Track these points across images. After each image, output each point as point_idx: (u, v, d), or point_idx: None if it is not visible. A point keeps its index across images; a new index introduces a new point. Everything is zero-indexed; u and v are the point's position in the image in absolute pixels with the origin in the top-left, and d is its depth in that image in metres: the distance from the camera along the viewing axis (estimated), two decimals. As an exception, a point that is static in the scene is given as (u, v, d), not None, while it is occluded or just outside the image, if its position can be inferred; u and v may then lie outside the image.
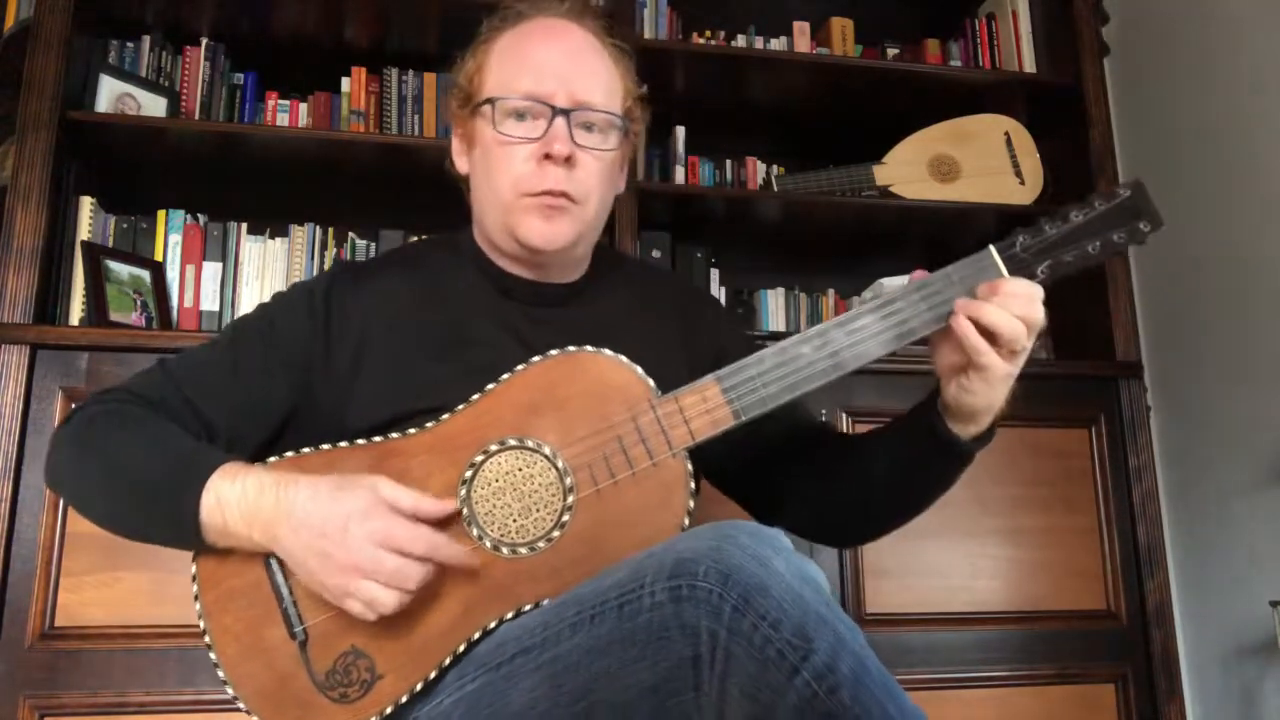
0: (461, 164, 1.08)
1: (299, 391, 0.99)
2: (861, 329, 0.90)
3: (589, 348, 0.92)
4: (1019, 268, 0.91)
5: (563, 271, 1.07)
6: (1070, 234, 0.91)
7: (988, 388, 0.88)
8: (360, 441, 0.93)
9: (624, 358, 0.91)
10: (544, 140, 0.97)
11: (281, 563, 0.88)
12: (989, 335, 0.86)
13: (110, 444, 0.92)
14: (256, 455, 0.95)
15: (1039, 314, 0.87)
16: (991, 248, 0.91)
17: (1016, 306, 0.86)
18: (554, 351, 0.92)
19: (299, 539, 0.83)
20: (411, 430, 0.92)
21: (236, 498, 0.85)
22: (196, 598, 0.90)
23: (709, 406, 0.90)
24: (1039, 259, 0.91)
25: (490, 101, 0.99)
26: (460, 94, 1.05)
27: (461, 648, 0.86)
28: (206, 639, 0.89)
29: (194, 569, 0.91)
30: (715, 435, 0.90)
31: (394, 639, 0.86)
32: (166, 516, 0.88)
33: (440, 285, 1.05)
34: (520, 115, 0.99)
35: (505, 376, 0.92)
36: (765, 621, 0.69)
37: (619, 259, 1.19)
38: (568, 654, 0.77)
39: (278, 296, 1.06)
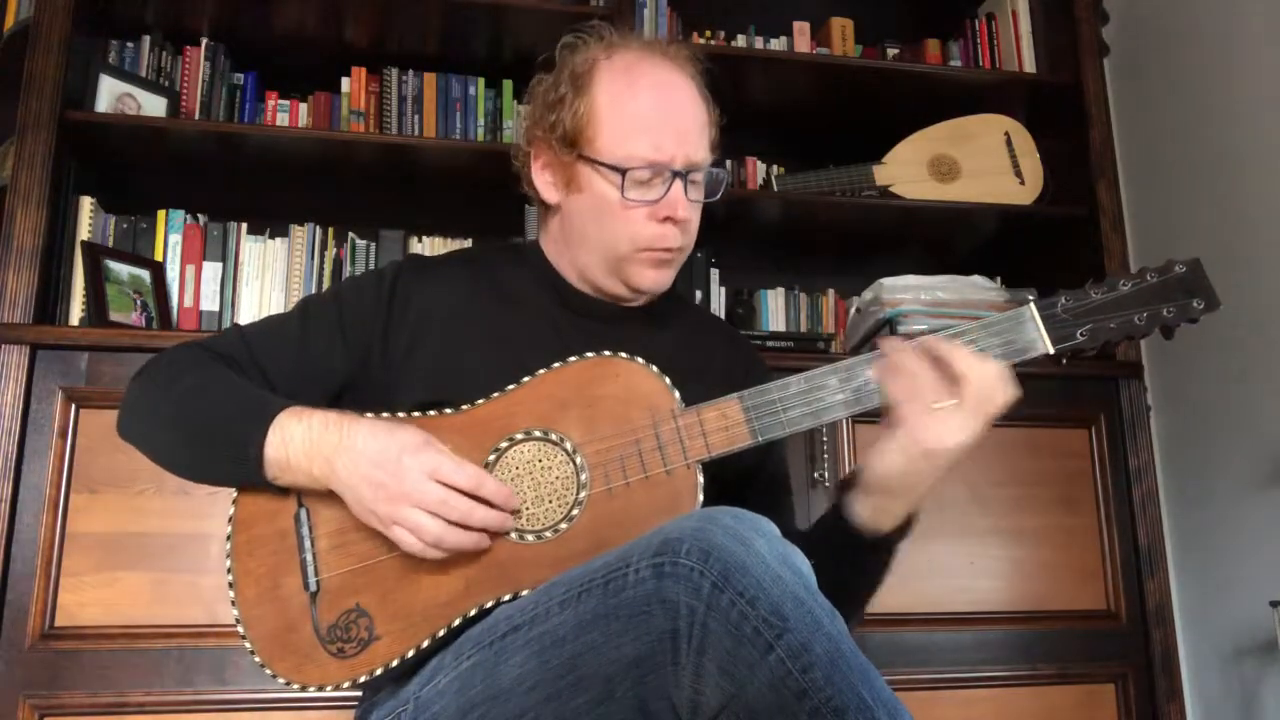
0: (550, 195, 1.11)
1: (356, 366, 1.06)
2: None
3: (624, 354, 0.96)
4: (1058, 327, 0.90)
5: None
6: (1116, 302, 0.90)
7: (904, 436, 0.88)
8: (400, 415, 0.97)
9: (654, 367, 0.95)
10: (665, 203, 1.03)
11: (310, 516, 0.93)
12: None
13: (183, 386, 0.99)
14: None
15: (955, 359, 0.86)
16: (1031, 305, 0.91)
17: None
18: (590, 354, 0.96)
19: (355, 469, 0.88)
20: (447, 411, 0.96)
21: (302, 434, 0.91)
22: (229, 538, 0.95)
23: (728, 424, 0.92)
24: (1080, 321, 0.90)
25: (619, 171, 1.02)
26: (559, 131, 1.06)
27: (457, 622, 0.89)
28: (229, 578, 0.94)
29: (231, 510, 0.96)
30: (731, 452, 0.92)
31: (396, 603, 0.90)
32: (232, 451, 0.93)
33: (499, 286, 1.11)
34: (640, 182, 1.03)
35: (541, 371, 0.96)
36: (743, 598, 0.71)
37: (678, 299, 1.23)
38: (555, 629, 0.79)
39: (349, 279, 1.15)
